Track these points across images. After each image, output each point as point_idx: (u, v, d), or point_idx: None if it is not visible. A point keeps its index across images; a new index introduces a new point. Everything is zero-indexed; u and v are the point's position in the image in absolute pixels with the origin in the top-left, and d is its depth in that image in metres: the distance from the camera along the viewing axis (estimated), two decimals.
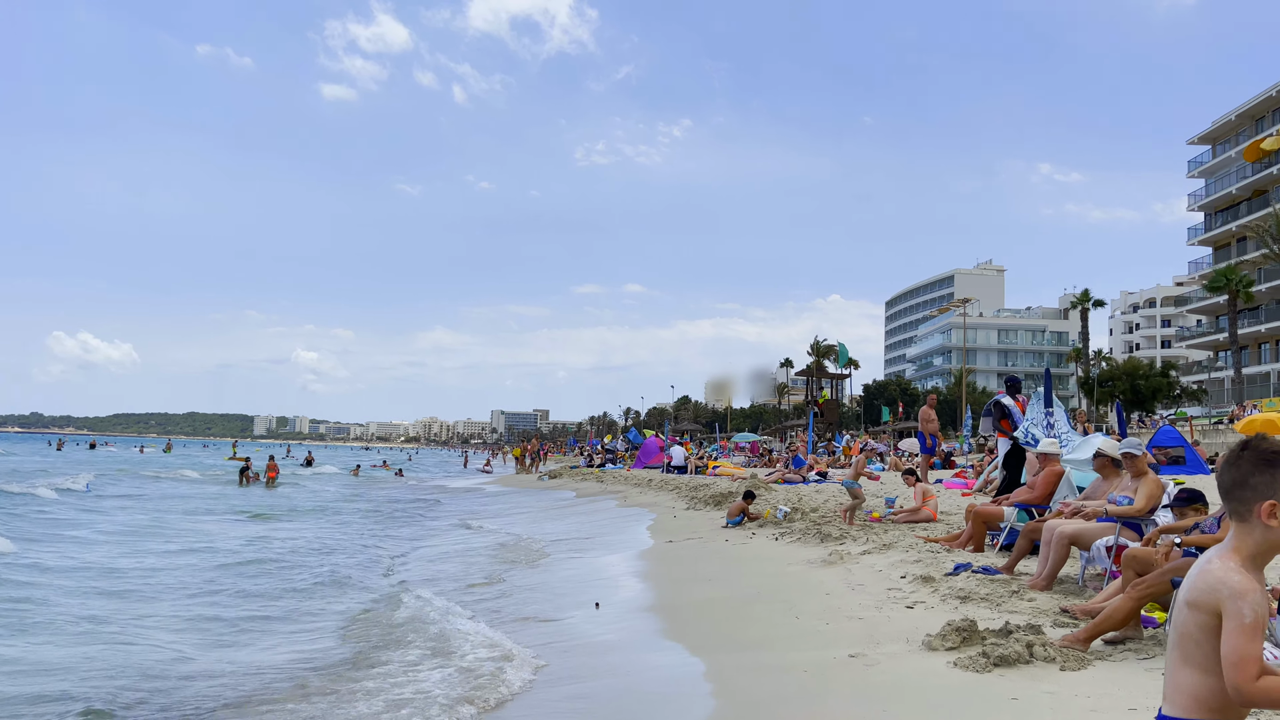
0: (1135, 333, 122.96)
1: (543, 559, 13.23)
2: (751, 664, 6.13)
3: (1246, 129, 72.18)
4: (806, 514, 14.39)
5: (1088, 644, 5.60)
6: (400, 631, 8.26)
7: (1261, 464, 2.34)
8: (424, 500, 29.48)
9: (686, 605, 8.51)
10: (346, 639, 8.17)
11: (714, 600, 8.58)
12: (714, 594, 8.92)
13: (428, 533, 18.16)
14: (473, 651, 7.25)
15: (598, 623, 8.07)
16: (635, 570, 11.04)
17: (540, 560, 13.08)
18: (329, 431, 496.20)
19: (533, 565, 12.54)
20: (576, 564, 12.45)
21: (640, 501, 21.69)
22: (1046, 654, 5.42)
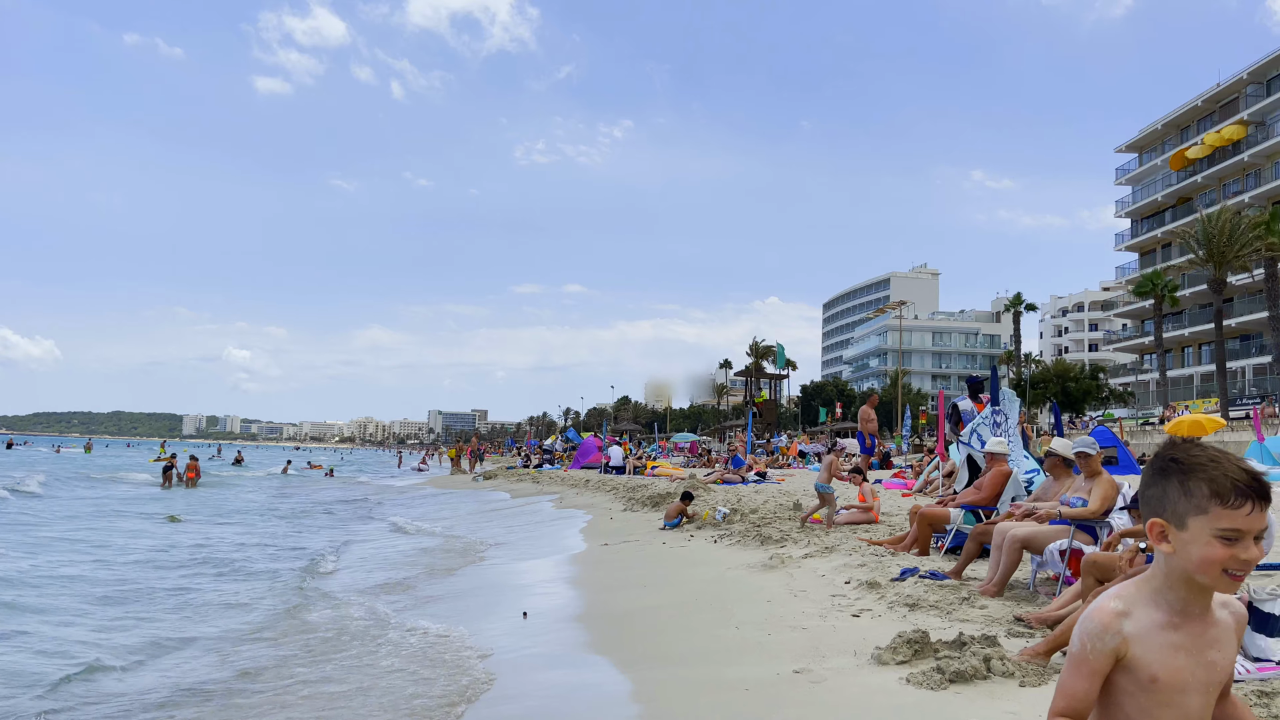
0: (1064, 336, 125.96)
1: (470, 564, 12.59)
2: (687, 681, 5.62)
3: (1172, 138, 74.15)
4: (746, 515, 13.98)
5: (1048, 657, 5.22)
6: (304, 643, 7.60)
7: (1155, 474, 1.95)
8: (352, 501, 28.53)
9: (619, 614, 7.98)
10: (258, 640, 7.48)
11: (649, 608, 8.06)
12: (649, 601, 8.41)
13: (350, 535, 17.37)
14: (383, 662, 6.65)
15: (523, 634, 7.50)
16: (567, 576, 10.47)
17: (467, 565, 12.44)
18: (261, 431, 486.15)
19: (456, 571, 11.88)
20: (505, 569, 11.84)
21: (576, 503, 21.11)
22: (1005, 669, 5.01)
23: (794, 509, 14.61)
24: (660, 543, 12.68)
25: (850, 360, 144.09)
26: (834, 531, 11.56)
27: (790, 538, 11.12)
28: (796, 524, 12.55)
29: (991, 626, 6.13)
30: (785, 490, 19.18)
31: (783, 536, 11.21)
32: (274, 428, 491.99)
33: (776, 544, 10.85)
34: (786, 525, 12.38)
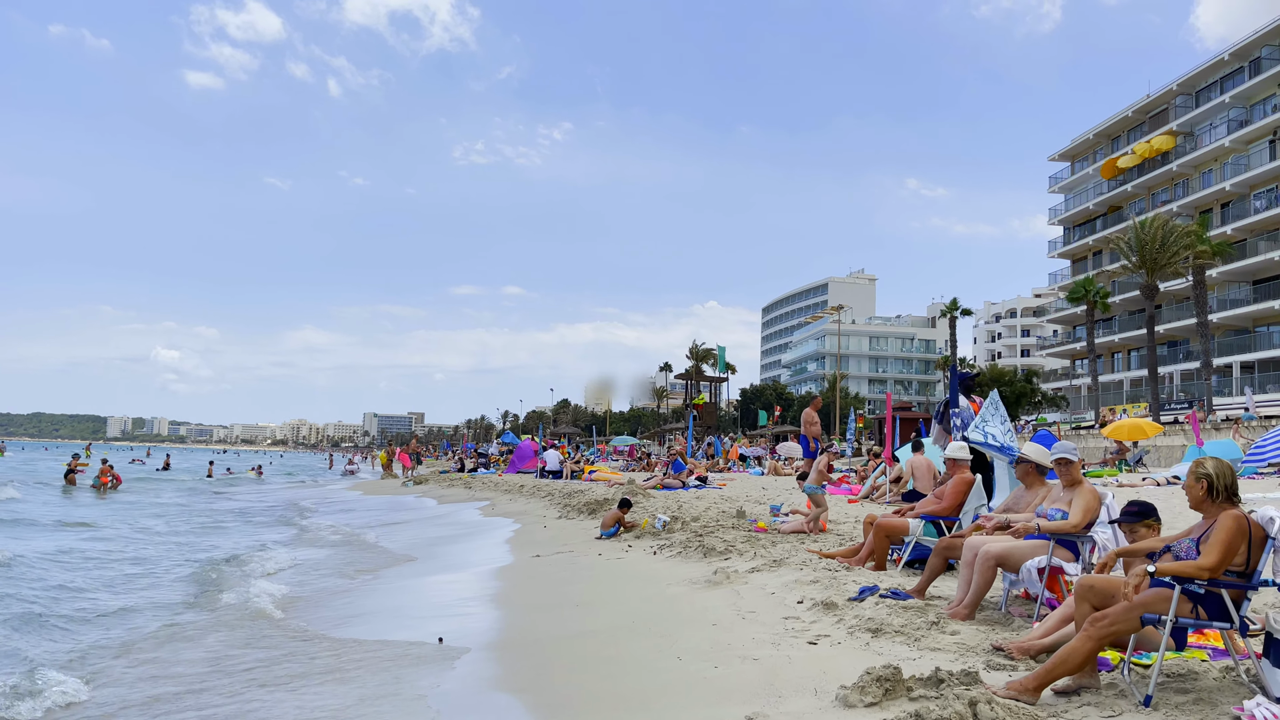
0: (997, 341, 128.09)
1: (377, 578, 11.58)
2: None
3: (1103, 147, 75.59)
4: (687, 523, 13.20)
5: (1037, 694, 4.50)
6: (180, 670, 6.60)
7: None
8: (271, 506, 27.08)
9: (544, 641, 7.11)
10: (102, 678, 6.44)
11: (579, 634, 7.21)
12: (580, 625, 7.55)
13: (257, 545, 16.02)
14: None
15: (425, 667, 6.58)
16: (489, 593, 9.55)
17: (373, 580, 11.44)
18: (190, 434, 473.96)
19: (358, 588, 10.86)
20: (418, 585, 10.84)
21: (508, 510, 20.13)
22: (994, 713, 4.27)
23: (737, 516, 13.89)
24: (596, 554, 11.84)
25: (789, 364, 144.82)
26: (781, 542, 10.83)
27: (735, 549, 10.36)
28: (741, 533, 11.81)
29: (967, 657, 5.40)
30: (727, 496, 18.50)
31: (727, 547, 10.44)
32: (204, 430, 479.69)
33: (720, 556, 10.08)
34: (730, 535, 11.62)
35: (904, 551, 8.37)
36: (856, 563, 8.56)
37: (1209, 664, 4.97)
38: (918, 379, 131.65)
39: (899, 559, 8.56)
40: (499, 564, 11.89)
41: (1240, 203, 60.59)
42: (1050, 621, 5.30)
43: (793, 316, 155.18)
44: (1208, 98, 63.53)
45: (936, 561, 6.96)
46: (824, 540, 11.06)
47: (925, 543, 8.19)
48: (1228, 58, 61.12)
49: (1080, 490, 6.10)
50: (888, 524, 8.29)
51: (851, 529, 12.53)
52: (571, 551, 12.38)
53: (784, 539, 11.18)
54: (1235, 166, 60.63)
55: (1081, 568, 6.04)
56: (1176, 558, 4.53)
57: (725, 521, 13.34)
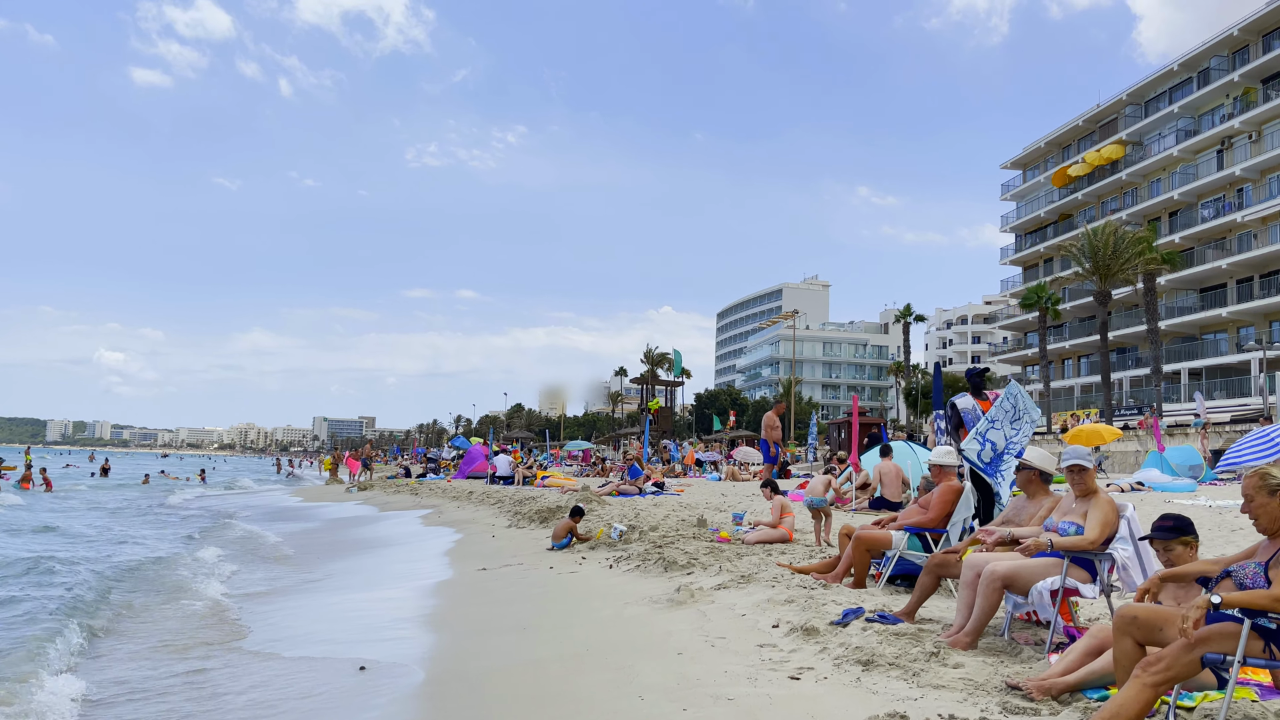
0: (948, 348, 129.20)
1: (295, 596, 10.57)
2: None
3: (1054, 156, 76.32)
4: (646, 533, 12.37)
5: None
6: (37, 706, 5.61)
7: None
8: (201, 513, 25.53)
9: (483, 673, 6.22)
10: None
11: (525, 664, 6.33)
12: (526, 652, 6.67)
13: (170, 557, 14.51)
14: None
15: (338, 710, 5.67)
16: (426, 613, 8.60)
17: (290, 598, 10.43)
18: (134, 438, 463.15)
19: (270, 611, 9.85)
20: (343, 603, 9.83)
21: (455, 518, 19.11)
22: None
23: (698, 525, 13.10)
24: (547, 567, 10.95)
25: (743, 369, 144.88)
26: (746, 554, 10.05)
27: (697, 561, 9.55)
28: (703, 543, 11.00)
29: (978, 697, 4.63)
30: (686, 503, 17.71)
31: (689, 560, 9.62)
32: (148, 434, 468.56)
33: (682, 570, 9.26)
34: (692, 546, 10.81)
35: (886, 567, 7.61)
36: (833, 579, 7.79)
37: (1260, 705, 4.25)
38: (870, 384, 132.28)
39: (879, 574, 7.81)
40: (438, 579, 10.94)
41: (1188, 211, 61.42)
42: (1073, 655, 4.55)
43: (747, 322, 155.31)
44: (1157, 108, 64.36)
45: (928, 580, 6.21)
46: (792, 552, 10.29)
47: (909, 557, 7.45)
48: (1177, 68, 61.96)
49: (1096, 501, 5.37)
50: (868, 536, 7.52)
51: (813, 539, 11.80)
52: (521, 564, 11.48)
53: (749, 550, 10.40)
54: (1183, 175, 61.45)
55: (1099, 589, 5.31)
56: (1240, 585, 3.80)
57: (685, 531, 12.54)
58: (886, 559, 7.68)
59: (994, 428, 7.03)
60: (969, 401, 9.21)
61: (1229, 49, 58.27)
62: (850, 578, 7.77)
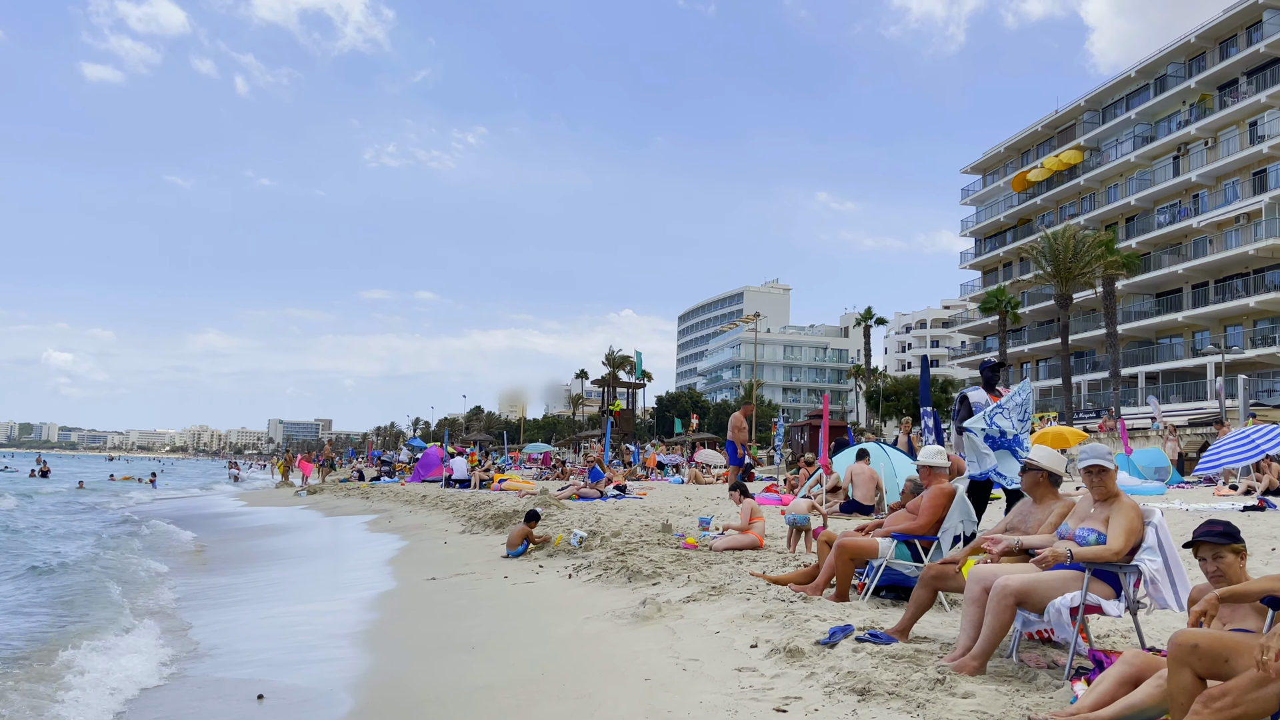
0: (907, 352, 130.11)
1: (220, 607, 9.70)
2: None
3: (1014, 161, 76.84)
4: (607, 539, 11.65)
5: None
6: None
7: None
8: (127, 521, 24.02)
9: (422, 703, 5.45)
10: None
11: (471, 692, 5.57)
12: (474, 677, 5.92)
13: (76, 563, 13.36)
14: None
15: None
16: (365, 629, 7.79)
17: (216, 608, 9.57)
18: (82, 440, 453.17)
19: (194, 621, 8.99)
20: (266, 616, 8.97)
21: (406, 523, 18.21)
22: None
23: (662, 530, 12.40)
24: (501, 576, 10.19)
25: (704, 372, 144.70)
26: (716, 562, 9.37)
27: (664, 570, 8.85)
28: (669, 550, 10.31)
29: None
30: (649, 507, 17.01)
31: (654, 569, 8.92)
32: (97, 436, 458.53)
33: (648, 580, 8.56)
34: (657, 553, 10.11)
35: (871, 577, 6.96)
36: (813, 591, 7.13)
37: None
38: (831, 388, 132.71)
39: (861, 585, 7.16)
40: (382, 589, 10.11)
41: (1144, 217, 62.01)
42: (1105, 685, 3.91)
43: (709, 325, 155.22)
44: (1114, 114, 64.95)
45: (923, 594, 5.56)
46: (765, 559, 9.63)
47: (897, 567, 6.81)
48: (1134, 75, 62.57)
49: (1119, 506, 4.75)
50: (852, 544, 6.87)
51: (784, 544, 11.16)
52: (473, 574, 10.70)
53: (718, 558, 9.72)
54: (1140, 181, 62.05)
55: (1125, 606, 4.69)
56: None
57: (649, 537, 11.84)
58: (871, 569, 7.03)
59: (1001, 413, 6.43)
60: (981, 395, 8.61)
61: (1186, 56, 58.91)
62: (831, 589, 7.12)
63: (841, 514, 13.79)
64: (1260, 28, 52.84)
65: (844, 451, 15.80)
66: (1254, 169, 53.34)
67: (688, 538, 11.25)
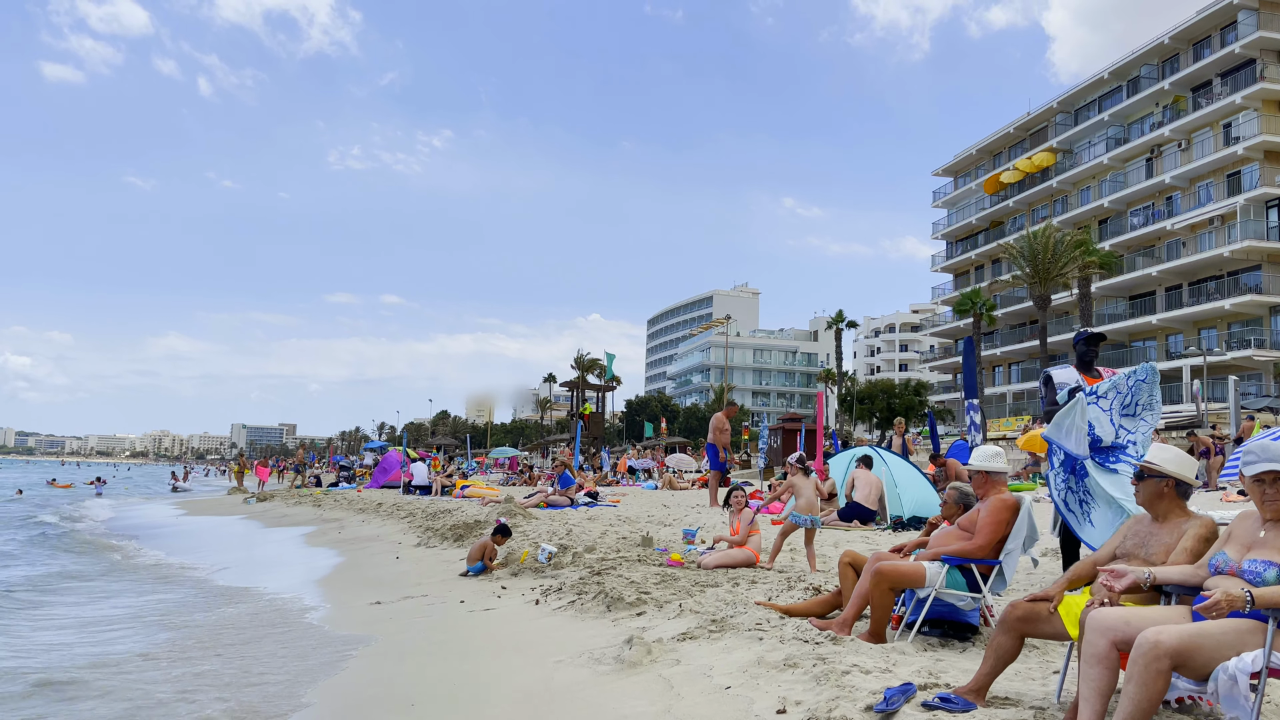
0: (876, 356, 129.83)
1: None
2: None
3: (985, 163, 76.36)
4: (580, 555, 10.19)
5: None
6: None
7: None
8: (47, 535, 22.03)
9: None
10: None
11: None
12: None
13: None
14: None
15: None
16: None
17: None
18: (40, 445, 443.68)
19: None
20: None
21: (356, 535, 16.58)
22: None
23: (643, 544, 10.98)
24: (458, 600, 8.72)
25: (674, 376, 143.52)
26: (708, 583, 7.96)
27: (649, 596, 7.43)
28: (652, 569, 8.88)
29: None
30: (624, 515, 15.55)
31: (638, 594, 7.50)
32: (55, 441, 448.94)
33: (631, 609, 7.13)
34: (638, 572, 8.68)
35: (914, 610, 5.57)
36: (840, 627, 5.71)
37: None
38: (800, 392, 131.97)
39: (896, 620, 5.78)
40: (311, 617, 8.57)
41: (1118, 219, 61.60)
42: None
43: (678, 329, 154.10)
44: (1087, 115, 64.57)
45: (1007, 643, 4.19)
46: (765, 580, 8.22)
47: (949, 598, 5.42)
48: (1107, 76, 62.17)
49: None
50: (893, 570, 5.46)
51: (791, 560, 9.79)
52: (425, 596, 9.21)
53: (709, 578, 8.31)
54: (1113, 184, 61.65)
55: None
56: None
57: (628, 552, 10.42)
58: (911, 598, 5.65)
59: (1099, 403, 5.03)
60: (1070, 375, 7.12)
61: (1159, 57, 58.56)
62: (864, 623, 5.73)
63: (841, 521, 12.45)
64: (1235, 28, 52.50)
65: (837, 456, 14.46)
66: (1228, 171, 52.99)
67: (672, 553, 9.84)
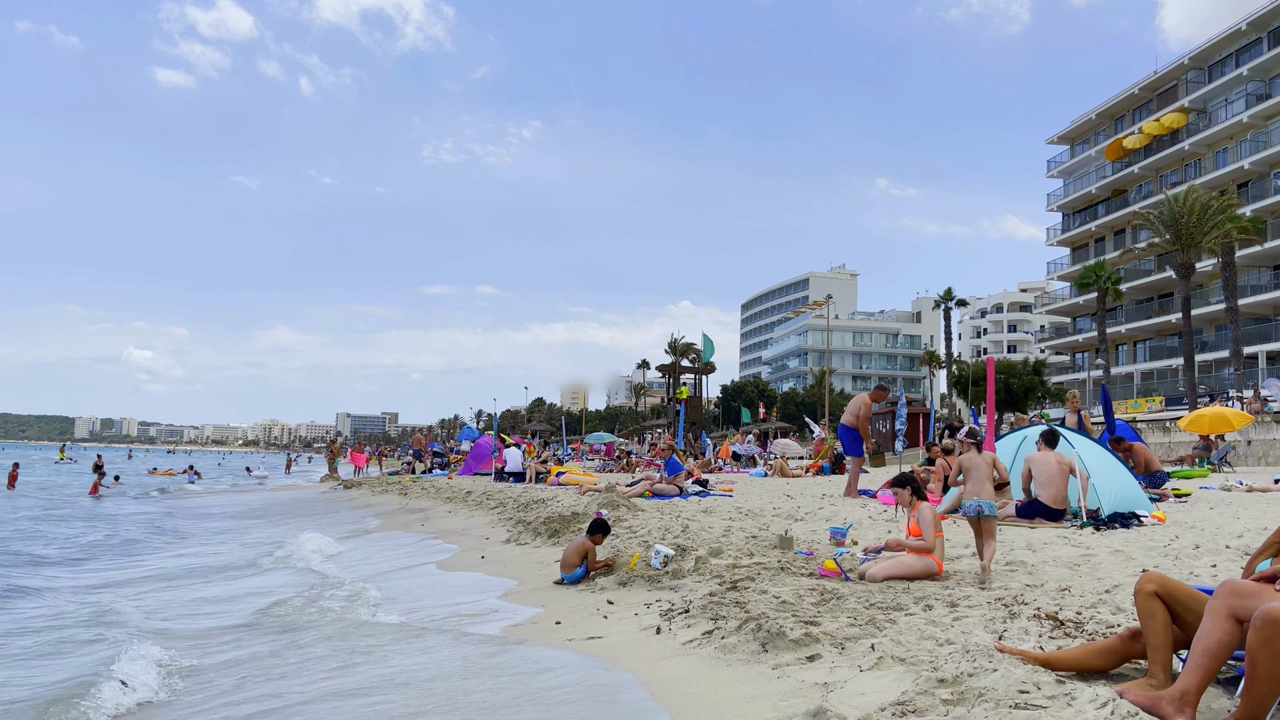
0: (983, 337, 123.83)
1: None
2: None
3: (1106, 128, 71.31)
4: (704, 560, 8.08)
5: None
6: None
7: None
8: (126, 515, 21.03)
9: None
10: None
11: None
12: None
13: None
14: None
15: None
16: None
17: None
18: (160, 434, 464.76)
19: None
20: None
21: (440, 527, 14.81)
22: None
23: (780, 546, 8.82)
24: (552, 622, 6.75)
25: (769, 360, 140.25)
26: (894, 608, 5.78)
27: (816, 626, 5.29)
28: (803, 581, 6.73)
29: None
30: (744, 508, 13.37)
31: (803, 627, 5.36)
32: (174, 431, 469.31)
33: (796, 647, 5.01)
34: (786, 585, 6.54)
35: None
36: (1176, 705, 3.51)
37: None
38: (902, 375, 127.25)
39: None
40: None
41: (1259, 182, 56.43)
42: None
43: (773, 313, 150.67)
44: (1222, 71, 59.35)
45: None
46: (968, 599, 5.99)
47: None
48: (1245, 28, 56.99)
49: None
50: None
51: (969, 562, 7.50)
52: (509, 617, 7.25)
53: (884, 593, 6.13)
54: (1254, 144, 56.50)
55: None
56: None
57: (763, 555, 8.28)
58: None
59: None
60: None
61: None
62: (1187, 697, 3.49)
63: (1020, 519, 10.07)
64: None
65: (1005, 438, 12.03)
66: None
67: (823, 559, 7.68)
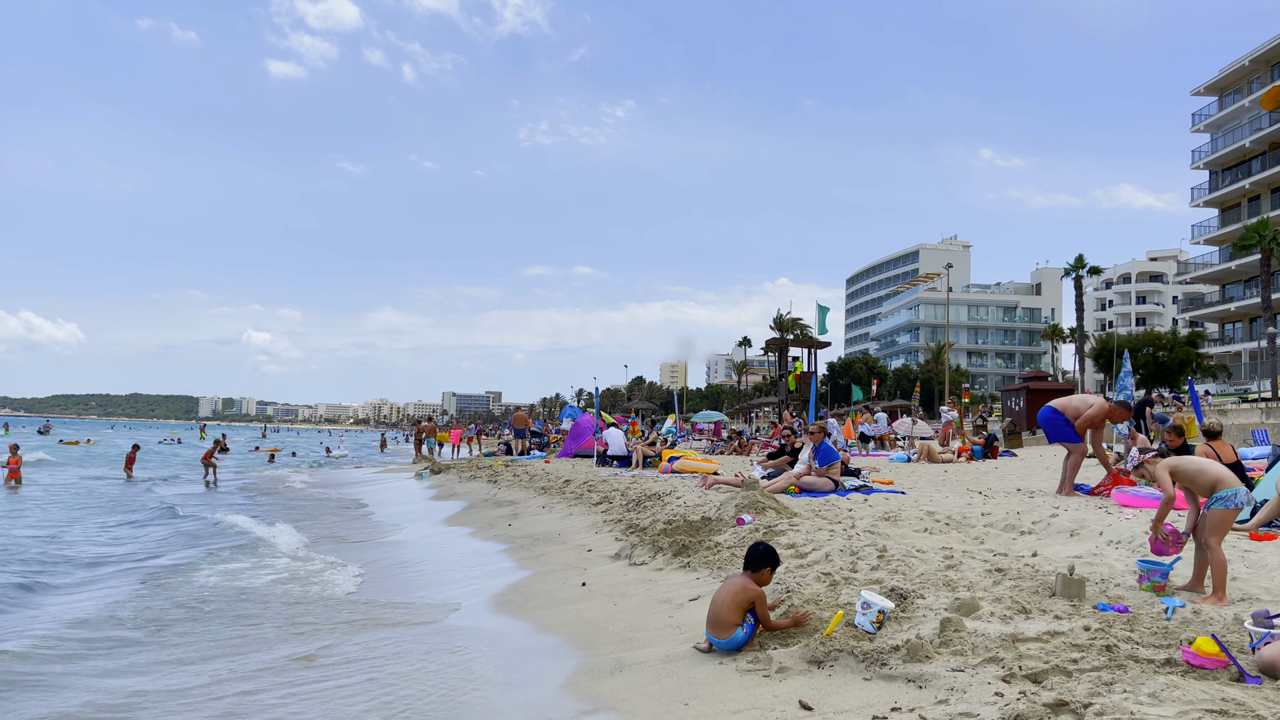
0: (1109, 309, 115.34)
1: None
2: None
3: (1261, 75, 64.11)
4: (958, 625, 4.83)
5: None
6: None
7: None
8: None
9: None
10: None
11: None
12: None
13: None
14: None
15: None
16: None
17: None
18: (277, 413, 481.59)
19: None
20: None
21: (531, 531, 11.66)
22: None
23: (1065, 593, 5.49)
24: None
25: (878, 336, 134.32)
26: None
27: None
28: (1193, 689, 3.50)
29: None
30: (930, 509, 9.93)
31: None
32: (290, 410, 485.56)
33: None
34: (1164, 700, 3.31)
35: None
36: None
37: None
38: (1021, 350, 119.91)
39: None
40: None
41: None
42: None
43: (880, 287, 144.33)
44: None
45: None
46: None
47: None
48: None
49: None
50: None
51: None
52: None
53: None
54: None
55: None
56: None
57: (1039, 606, 5.00)
58: None
59: None
60: None
61: None
62: None
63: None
64: None
65: None
66: None
67: (1193, 638, 4.35)
